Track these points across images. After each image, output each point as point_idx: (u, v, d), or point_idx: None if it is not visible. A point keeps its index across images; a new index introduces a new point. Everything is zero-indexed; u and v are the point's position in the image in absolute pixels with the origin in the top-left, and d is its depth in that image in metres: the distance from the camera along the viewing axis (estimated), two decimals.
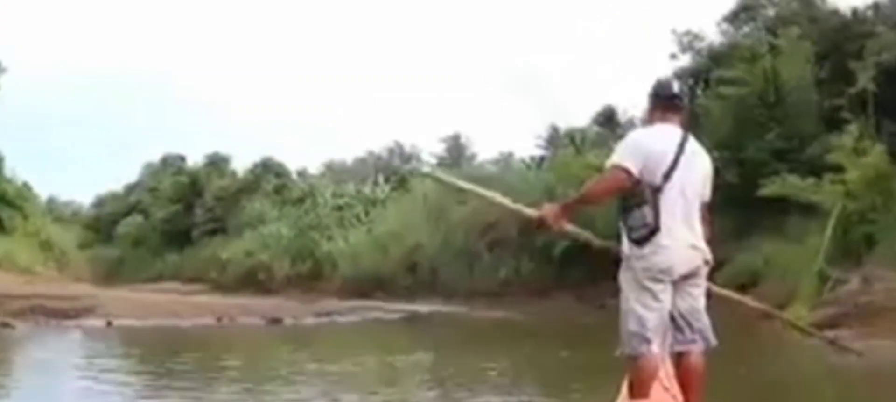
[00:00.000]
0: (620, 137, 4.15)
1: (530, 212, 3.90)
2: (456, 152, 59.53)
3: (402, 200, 49.59)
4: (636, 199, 3.57)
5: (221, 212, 61.90)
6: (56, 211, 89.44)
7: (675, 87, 4.26)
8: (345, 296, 39.97)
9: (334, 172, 66.28)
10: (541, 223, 3.77)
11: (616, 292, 3.79)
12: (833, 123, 25.80)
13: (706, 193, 3.90)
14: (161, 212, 68.33)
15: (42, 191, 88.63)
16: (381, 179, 56.88)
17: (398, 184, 54.30)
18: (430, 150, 61.19)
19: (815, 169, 22.47)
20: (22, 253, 30.10)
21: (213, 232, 61.13)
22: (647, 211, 3.54)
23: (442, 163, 57.55)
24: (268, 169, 63.43)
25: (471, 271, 35.45)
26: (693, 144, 3.80)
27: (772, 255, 23.53)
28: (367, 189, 54.96)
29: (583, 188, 3.94)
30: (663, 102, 3.86)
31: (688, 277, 3.75)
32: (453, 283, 35.65)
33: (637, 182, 3.59)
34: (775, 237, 24.22)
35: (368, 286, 40.31)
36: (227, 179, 64.72)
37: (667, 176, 3.60)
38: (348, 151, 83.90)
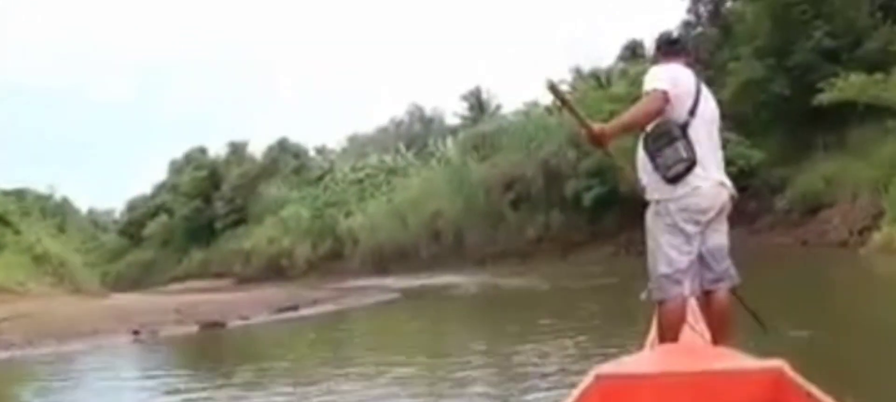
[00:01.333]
0: (643, 69, 4.00)
1: (592, 126, 3.57)
2: (478, 108, 56.16)
3: (424, 166, 46.72)
4: (665, 138, 3.49)
5: (242, 201, 59.51)
6: (99, 221, 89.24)
7: (675, 34, 4.34)
8: (366, 273, 37.34)
9: (357, 145, 63.71)
10: (595, 138, 3.54)
11: None
12: (891, 10, 22.16)
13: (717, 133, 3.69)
14: (183, 209, 66.29)
15: (82, 204, 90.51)
16: (402, 146, 54.16)
17: (421, 150, 51.55)
18: (452, 109, 58.10)
19: (877, 66, 18.95)
20: (4, 271, 27.63)
21: (236, 223, 58.78)
22: (680, 146, 3.44)
23: (465, 120, 54.59)
24: (285, 150, 60.81)
25: (496, 232, 32.29)
26: (704, 85, 3.72)
27: (834, 174, 20.10)
28: (388, 158, 52.25)
29: (625, 114, 3.65)
30: (665, 48, 3.87)
31: (718, 213, 3.54)
32: (479, 247, 32.59)
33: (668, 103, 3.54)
34: (836, 154, 20.78)
35: (390, 260, 37.47)
36: (245, 166, 62.26)
37: (692, 112, 3.54)
38: (370, 122, 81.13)
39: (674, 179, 3.43)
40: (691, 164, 3.40)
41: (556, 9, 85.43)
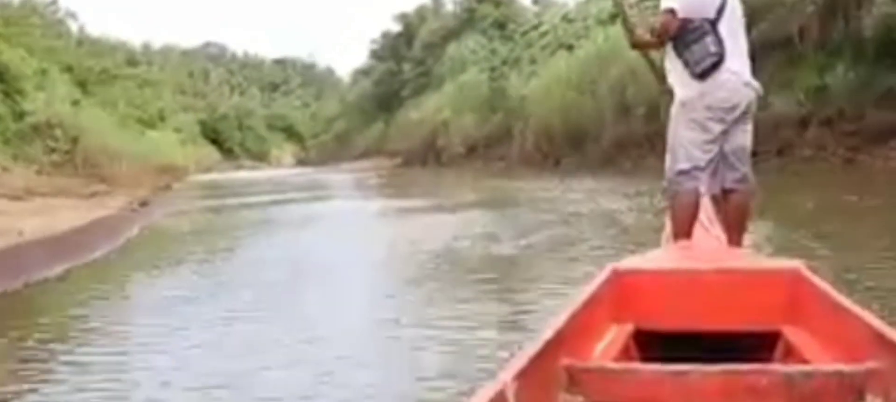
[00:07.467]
0: None
1: (634, 29, 3.48)
2: None
3: (651, 8, 32.06)
4: (696, 33, 3.23)
5: (432, 62, 47.99)
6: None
7: None
8: (530, 166, 24.73)
9: None
10: (633, 42, 3.51)
11: None
12: None
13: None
14: (376, 73, 56.37)
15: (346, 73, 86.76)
16: None
17: None
18: None
19: None
20: None
21: (420, 90, 47.54)
22: (709, 41, 3.21)
23: None
24: None
25: None
26: None
27: None
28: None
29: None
30: None
31: (744, 113, 3.31)
32: None
33: (680, 23, 3.25)
34: None
35: (561, 146, 24.44)
36: (440, 20, 50.34)
37: (720, 10, 3.25)
38: None
39: (702, 75, 3.23)
40: (720, 57, 3.19)
41: None
